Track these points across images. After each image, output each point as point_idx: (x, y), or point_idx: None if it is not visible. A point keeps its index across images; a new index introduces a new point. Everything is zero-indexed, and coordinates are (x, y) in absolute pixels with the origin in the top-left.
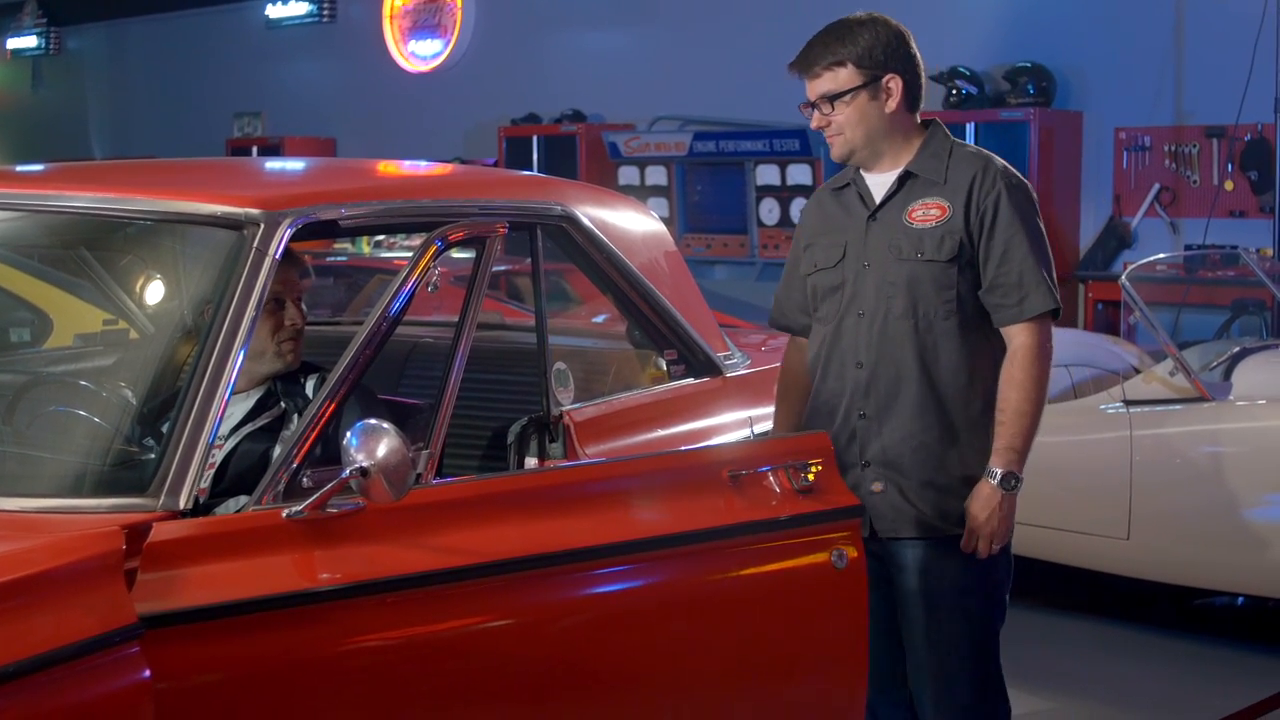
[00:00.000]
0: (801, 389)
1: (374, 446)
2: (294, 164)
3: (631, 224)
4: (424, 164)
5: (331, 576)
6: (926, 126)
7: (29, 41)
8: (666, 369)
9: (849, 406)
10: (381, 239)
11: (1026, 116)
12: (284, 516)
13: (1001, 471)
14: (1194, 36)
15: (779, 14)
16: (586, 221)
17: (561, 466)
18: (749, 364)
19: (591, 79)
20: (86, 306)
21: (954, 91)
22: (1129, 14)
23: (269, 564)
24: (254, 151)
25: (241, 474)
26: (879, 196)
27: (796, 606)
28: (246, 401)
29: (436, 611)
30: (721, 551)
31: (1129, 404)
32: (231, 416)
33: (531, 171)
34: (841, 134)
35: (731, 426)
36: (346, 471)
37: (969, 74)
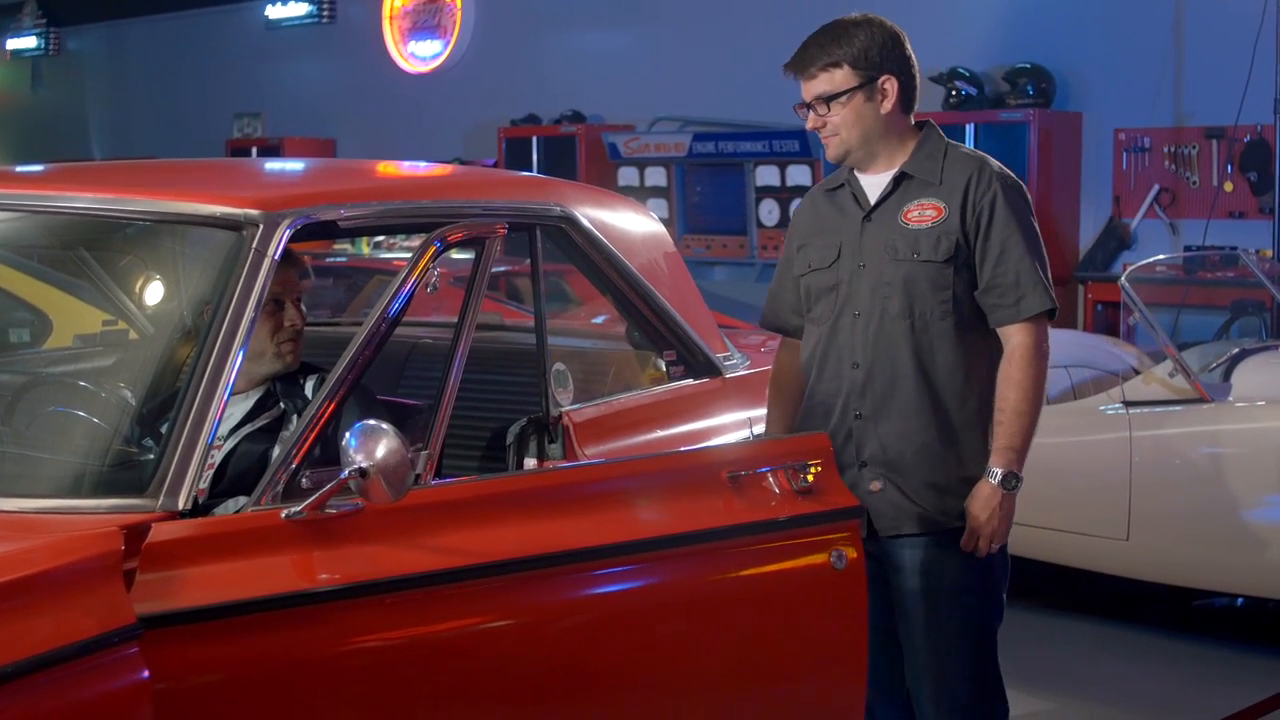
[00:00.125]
0: (794, 390)
1: (373, 447)
2: (293, 165)
3: (631, 225)
4: (423, 165)
5: (330, 577)
6: (920, 128)
7: (29, 42)
8: (666, 370)
9: (845, 406)
10: (381, 240)
11: (1026, 117)
12: (283, 517)
13: (1002, 471)
14: (1194, 37)
15: (779, 14)
16: (586, 222)
17: (561, 467)
18: (748, 365)
19: (591, 79)
20: (86, 307)
21: (953, 92)
22: (1129, 15)
23: (268, 564)
24: (254, 152)
25: (240, 474)
26: (874, 197)
27: (796, 607)
28: (246, 402)
29: (436, 612)
30: (721, 552)
31: (1128, 405)
32: (231, 417)
33: (531, 172)
34: (837, 135)
35: (731, 427)
36: (345, 472)
37: (968, 75)
